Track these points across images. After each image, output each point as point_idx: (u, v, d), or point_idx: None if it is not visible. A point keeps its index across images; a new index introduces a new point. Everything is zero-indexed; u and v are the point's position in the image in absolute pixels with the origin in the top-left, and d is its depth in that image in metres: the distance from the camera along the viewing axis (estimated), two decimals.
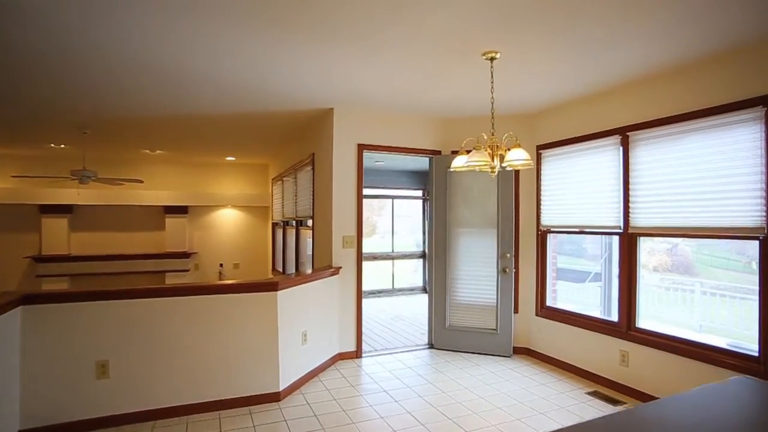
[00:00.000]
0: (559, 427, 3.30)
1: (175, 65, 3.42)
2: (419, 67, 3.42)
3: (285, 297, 3.74)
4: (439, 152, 5.17)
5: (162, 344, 3.29)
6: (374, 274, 9.78)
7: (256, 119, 5.22)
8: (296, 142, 6.40)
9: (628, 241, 3.82)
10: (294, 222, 6.65)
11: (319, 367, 4.29)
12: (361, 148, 4.79)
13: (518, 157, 2.89)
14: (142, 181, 6.42)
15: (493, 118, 3.17)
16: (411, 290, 10.04)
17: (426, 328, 6.33)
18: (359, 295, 4.81)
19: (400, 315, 7.61)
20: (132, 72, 3.58)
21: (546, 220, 4.71)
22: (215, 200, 8.66)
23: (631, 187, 3.79)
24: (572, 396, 3.79)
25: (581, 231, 4.40)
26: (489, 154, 2.97)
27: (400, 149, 4.99)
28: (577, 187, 4.32)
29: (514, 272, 4.83)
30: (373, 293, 9.43)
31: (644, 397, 3.62)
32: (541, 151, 4.75)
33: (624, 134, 3.83)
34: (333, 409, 3.52)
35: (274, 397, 3.63)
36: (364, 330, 4.86)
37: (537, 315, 4.77)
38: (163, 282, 8.21)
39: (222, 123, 5.41)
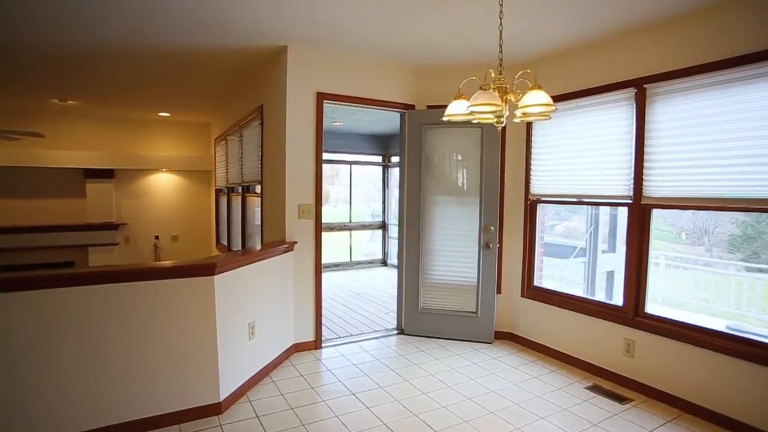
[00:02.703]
0: None
1: None
2: None
3: (225, 282, 2.92)
4: (412, 107, 4.38)
5: (54, 352, 2.40)
6: (330, 246, 9.02)
7: (191, 59, 4.20)
8: (242, 94, 5.40)
9: (640, 213, 3.26)
10: (240, 188, 5.72)
11: (271, 364, 3.53)
12: (321, 97, 3.93)
13: (537, 101, 2.17)
14: (42, 135, 5.20)
15: (501, 52, 2.42)
16: (370, 263, 9.38)
17: (391, 307, 5.73)
18: (318, 275, 4.05)
19: (360, 291, 6.96)
20: None
21: (536, 188, 4.09)
22: (147, 163, 7.49)
23: (646, 150, 3.19)
24: (571, 392, 3.26)
25: (579, 201, 3.81)
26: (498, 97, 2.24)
27: (368, 101, 4.16)
28: (577, 151, 3.70)
29: (498, 247, 4.22)
30: (329, 267, 8.69)
31: (652, 393, 3.14)
32: None
33: (640, 87, 3.20)
34: (290, 424, 2.79)
35: (214, 410, 2.85)
36: (322, 307, 4.13)
37: (523, 296, 4.20)
38: (85, 258, 7.07)
39: (148, 64, 4.34)
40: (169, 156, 7.65)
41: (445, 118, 2.51)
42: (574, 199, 3.83)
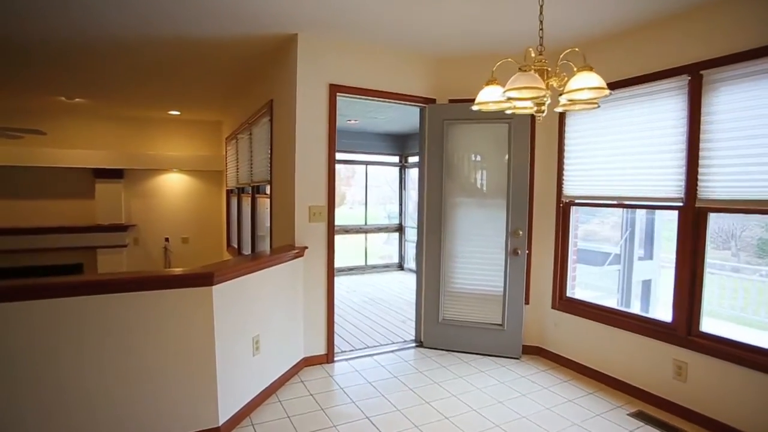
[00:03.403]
0: None
1: None
2: None
3: (226, 292, 2.62)
4: (433, 101, 4.05)
5: (25, 374, 2.12)
6: (345, 249, 8.73)
7: (198, 50, 3.93)
8: (252, 89, 5.13)
9: (694, 217, 2.86)
10: (250, 189, 5.45)
11: (278, 381, 3.23)
12: (335, 90, 3.61)
13: (588, 84, 1.82)
14: (44, 133, 5.01)
15: (541, 29, 2.07)
16: (386, 267, 9.06)
17: (409, 314, 5.43)
18: (330, 283, 3.73)
19: (375, 297, 6.65)
20: None
21: (570, 189, 3.71)
22: (157, 163, 7.28)
23: (702, 145, 2.80)
24: (613, 420, 2.88)
25: (620, 204, 3.43)
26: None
27: (385, 94, 3.83)
28: (617, 147, 3.31)
29: (527, 254, 3.85)
30: (344, 271, 8.39)
31: (708, 424, 2.74)
32: None
33: (695, 73, 2.81)
34: None
35: None
36: (334, 317, 3.83)
37: (554, 308, 3.83)
38: (94, 261, 6.88)
39: (155, 57, 4.09)
40: (179, 156, 7.43)
41: (475, 107, 2.17)
42: (614, 202, 3.45)
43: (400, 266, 9.14)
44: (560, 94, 1.95)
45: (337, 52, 3.61)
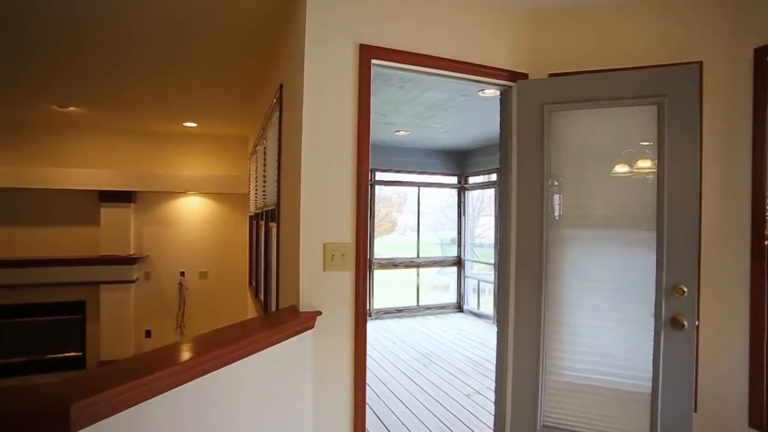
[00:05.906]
0: None
1: None
2: None
3: None
4: (524, 76, 2.59)
5: None
6: (392, 286, 7.29)
7: (191, 17, 2.73)
8: (266, 86, 3.90)
9: None
10: (264, 214, 4.16)
11: None
12: (367, 54, 2.24)
13: None
14: None
15: None
16: (441, 309, 7.53)
17: (476, 383, 4.10)
18: (359, 371, 2.27)
19: (429, 352, 5.20)
20: None
21: None
22: (173, 184, 6.21)
23: None
24: None
25: None
26: None
27: (448, 64, 2.41)
28: None
29: (695, 326, 2.25)
30: (391, 313, 6.92)
31: None
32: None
33: None
34: None
35: None
36: (370, 380, 2.40)
37: (754, 426, 2.18)
38: (97, 298, 5.83)
39: (142, 38, 2.94)
40: (199, 176, 6.34)
41: None
42: None
43: (459, 307, 7.59)
44: None
45: None
